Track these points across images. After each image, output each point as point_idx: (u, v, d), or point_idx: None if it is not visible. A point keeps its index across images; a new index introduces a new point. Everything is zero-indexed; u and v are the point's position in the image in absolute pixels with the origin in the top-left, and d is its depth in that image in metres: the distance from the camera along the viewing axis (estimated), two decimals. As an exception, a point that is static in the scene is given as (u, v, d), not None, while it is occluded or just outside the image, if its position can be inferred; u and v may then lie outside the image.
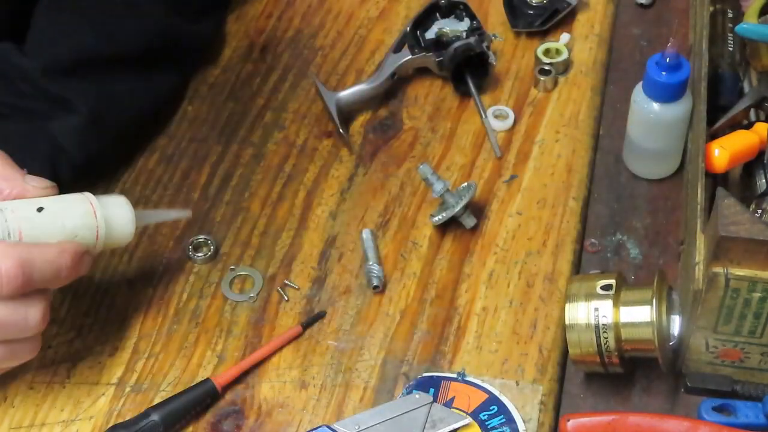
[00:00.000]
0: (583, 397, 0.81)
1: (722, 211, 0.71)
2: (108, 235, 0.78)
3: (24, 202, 0.74)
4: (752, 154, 0.86)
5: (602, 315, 0.77)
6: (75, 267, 0.75)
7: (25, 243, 0.72)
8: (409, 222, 0.92)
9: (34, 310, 0.73)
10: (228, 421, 0.80)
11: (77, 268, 0.75)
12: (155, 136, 1.00)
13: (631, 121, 0.92)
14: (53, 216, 0.74)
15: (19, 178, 0.75)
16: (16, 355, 0.75)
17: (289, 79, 1.05)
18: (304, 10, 1.12)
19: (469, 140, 0.98)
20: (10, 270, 0.70)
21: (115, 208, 0.79)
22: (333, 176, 0.96)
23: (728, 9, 0.99)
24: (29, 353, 0.76)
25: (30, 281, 0.71)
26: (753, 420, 0.77)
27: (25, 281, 0.71)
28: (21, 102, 0.90)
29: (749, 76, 0.95)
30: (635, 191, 0.94)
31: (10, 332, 0.73)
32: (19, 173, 0.75)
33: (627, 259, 0.89)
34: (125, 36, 0.94)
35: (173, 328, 0.86)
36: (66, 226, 0.75)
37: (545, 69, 1.02)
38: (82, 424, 0.80)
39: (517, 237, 0.90)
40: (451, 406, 0.79)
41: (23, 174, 0.76)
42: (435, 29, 1.02)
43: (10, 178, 0.75)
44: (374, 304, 0.87)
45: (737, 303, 0.74)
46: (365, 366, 0.83)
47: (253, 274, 0.89)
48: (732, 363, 0.79)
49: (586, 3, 1.09)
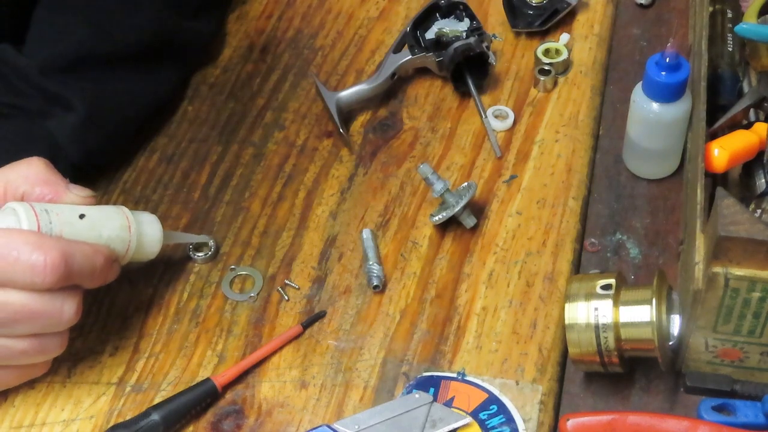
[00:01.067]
0: (583, 397, 0.81)
1: (722, 211, 0.71)
2: (136, 250, 0.81)
3: (67, 207, 0.77)
4: (752, 154, 0.86)
5: (602, 315, 0.77)
6: (106, 269, 0.77)
7: (66, 239, 0.75)
8: (409, 222, 0.92)
9: (69, 303, 0.75)
10: (228, 420, 0.80)
11: (108, 272, 0.78)
12: (155, 136, 1.00)
13: (630, 121, 0.92)
14: (93, 224, 0.77)
15: (61, 185, 0.78)
16: (46, 348, 0.76)
17: (289, 79, 1.05)
18: (304, 10, 1.12)
19: (469, 140, 0.98)
20: (55, 259, 0.72)
21: (146, 226, 0.82)
22: (333, 176, 0.96)
23: (728, 9, 0.99)
24: (58, 348, 0.77)
25: (70, 274, 0.73)
26: (752, 420, 0.77)
27: (66, 272, 0.73)
28: (18, 101, 0.90)
29: (749, 76, 0.95)
30: (635, 191, 0.94)
31: (45, 324, 0.75)
32: (62, 180, 0.78)
33: (627, 259, 0.89)
34: (122, 33, 0.94)
35: (174, 328, 0.86)
36: (102, 235, 0.78)
37: (545, 69, 1.02)
38: (82, 423, 0.80)
39: (517, 237, 0.91)
40: (451, 406, 0.79)
41: (66, 181, 0.78)
42: (435, 29, 1.02)
43: (53, 183, 0.78)
44: (374, 304, 0.87)
45: (737, 303, 0.74)
46: (365, 366, 0.83)
47: (253, 273, 0.89)
48: (731, 363, 0.79)
49: (586, 3, 1.09)
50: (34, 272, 0.72)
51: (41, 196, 0.77)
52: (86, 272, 0.75)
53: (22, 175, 0.77)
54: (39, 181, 0.77)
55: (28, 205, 0.75)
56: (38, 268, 0.72)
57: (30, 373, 0.79)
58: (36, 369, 0.79)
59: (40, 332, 0.75)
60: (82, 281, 0.76)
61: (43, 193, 0.77)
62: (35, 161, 0.78)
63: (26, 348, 0.75)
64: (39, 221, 0.74)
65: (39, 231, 0.74)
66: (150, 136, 1.00)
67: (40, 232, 0.74)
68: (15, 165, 0.78)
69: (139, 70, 0.96)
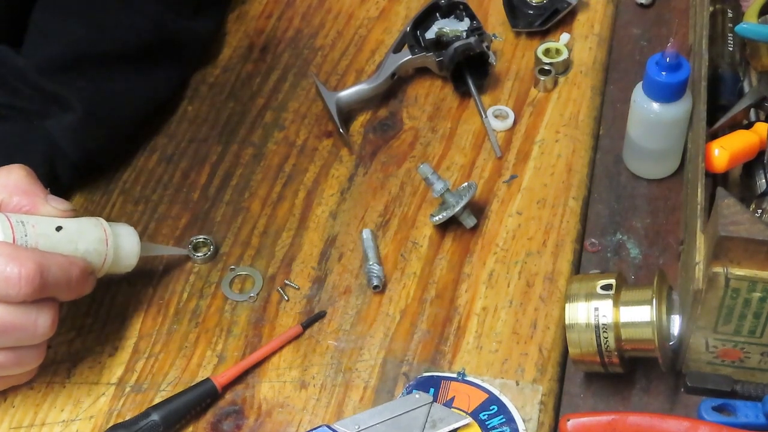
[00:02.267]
0: (583, 397, 0.81)
1: (722, 211, 0.71)
2: (113, 263, 0.80)
3: (44, 219, 0.76)
4: (752, 154, 0.86)
5: (602, 315, 0.77)
6: (82, 282, 0.77)
7: (41, 250, 0.74)
8: (409, 222, 0.92)
9: (44, 316, 0.74)
10: (228, 420, 0.80)
11: (83, 284, 0.77)
12: (155, 136, 1.00)
13: (631, 121, 0.92)
14: (70, 237, 0.77)
15: (40, 196, 0.77)
16: (22, 361, 0.76)
17: (289, 79, 1.05)
18: (304, 10, 1.12)
19: (469, 140, 0.98)
20: (30, 271, 0.71)
21: (124, 239, 0.82)
22: (333, 176, 0.96)
23: (728, 9, 0.99)
24: (35, 361, 0.77)
25: (45, 286, 0.73)
26: (753, 420, 0.77)
27: (41, 284, 0.72)
28: (17, 101, 0.90)
29: (749, 76, 0.95)
30: (635, 191, 0.94)
31: (19, 337, 0.74)
32: (41, 191, 0.77)
33: (627, 259, 0.89)
34: (121, 33, 0.94)
35: (173, 328, 0.86)
36: (79, 248, 0.77)
37: (545, 69, 1.02)
38: (82, 423, 0.80)
39: (517, 237, 0.90)
40: (451, 406, 0.79)
41: (46, 192, 0.78)
42: (435, 29, 1.02)
43: (32, 194, 0.77)
44: (374, 304, 0.87)
45: (737, 303, 0.74)
46: (365, 366, 0.83)
47: (253, 274, 0.89)
48: (732, 363, 0.79)
49: (586, 3, 1.09)
50: (8, 284, 0.71)
51: (18, 206, 0.76)
52: (62, 284, 0.74)
53: (1, 184, 0.76)
54: (17, 190, 0.76)
55: (3, 216, 0.74)
56: (13, 280, 0.71)
57: (11, 382, 0.79)
58: (17, 378, 0.78)
59: (15, 345, 0.74)
60: (58, 293, 0.75)
61: (20, 204, 0.76)
62: (16, 169, 0.77)
63: (2, 361, 0.74)
64: (14, 233, 0.73)
65: (14, 243, 0.73)
66: (149, 135, 1.00)
67: (15, 244, 0.73)
68: None
69: (137, 69, 0.96)
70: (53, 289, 0.74)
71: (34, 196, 0.76)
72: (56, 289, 0.74)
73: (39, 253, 0.73)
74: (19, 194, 0.76)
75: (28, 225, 0.75)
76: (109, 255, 0.80)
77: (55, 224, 0.76)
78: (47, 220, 0.76)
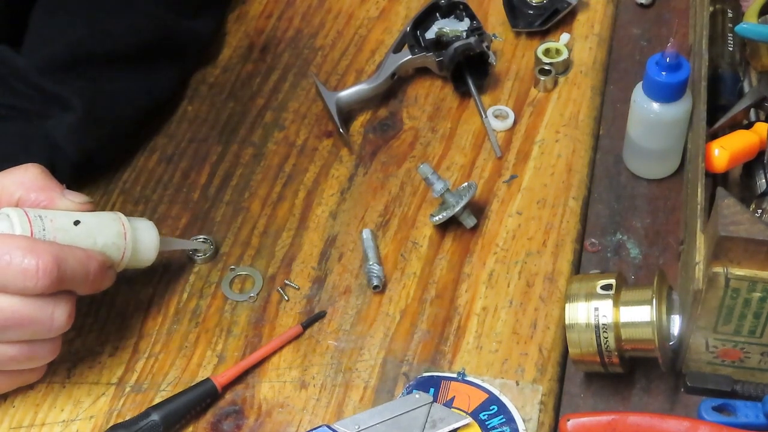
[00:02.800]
0: (583, 397, 0.81)
1: (722, 211, 0.71)
2: (132, 257, 0.80)
3: (62, 213, 0.77)
4: (752, 154, 0.86)
5: (602, 315, 0.77)
6: (100, 275, 0.77)
7: (59, 243, 0.75)
8: (409, 222, 0.92)
9: (61, 309, 0.74)
10: (228, 421, 0.80)
11: (102, 278, 0.77)
12: (155, 136, 1.00)
13: (631, 121, 0.92)
14: (88, 231, 0.77)
15: (57, 191, 0.77)
16: (37, 355, 0.76)
17: (289, 79, 1.05)
18: (304, 10, 1.12)
19: (469, 140, 0.98)
20: (48, 263, 0.72)
21: (143, 232, 0.81)
22: (333, 176, 0.96)
23: (728, 9, 0.99)
24: (49, 355, 0.77)
25: (63, 278, 0.73)
26: (753, 420, 0.77)
27: (59, 277, 0.73)
28: (16, 101, 0.90)
29: (749, 76, 0.95)
30: (635, 191, 0.94)
31: (35, 330, 0.74)
32: (58, 186, 0.78)
33: (627, 259, 0.89)
34: (121, 33, 0.94)
35: (173, 328, 0.86)
36: (97, 242, 0.77)
37: (545, 69, 1.02)
38: (82, 424, 0.80)
39: (517, 237, 0.90)
40: (451, 406, 0.79)
41: (62, 188, 0.78)
42: (435, 29, 1.02)
43: (48, 189, 0.77)
44: (374, 304, 0.87)
45: (737, 303, 0.74)
46: (365, 366, 0.83)
47: (253, 274, 0.89)
48: (732, 363, 0.79)
49: (586, 3, 1.09)
50: (26, 276, 0.71)
51: (36, 202, 0.77)
52: (79, 277, 0.75)
53: (18, 181, 0.77)
54: (34, 187, 0.77)
55: (21, 210, 0.75)
56: (30, 272, 0.71)
57: (23, 379, 0.79)
58: (29, 375, 0.79)
59: (30, 338, 0.75)
60: (75, 287, 0.75)
61: (38, 199, 0.77)
62: (31, 167, 0.78)
63: (16, 354, 0.75)
64: (32, 227, 0.74)
65: (32, 237, 0.74)
66: (149, 135, 1.00)
67: (33, 238, 0.74)
68: (11, 171, 0.78)
69: (137, 69, 0.96)
70: (71, 282, 0.74)
71: (51, 191, 0.77)
72: (74, 283, 0.74)
73: (57, 246, 0.73)
74: (36, 190, 0.77)
75: (46, 219, 0.75)
76: (128, 249, 0.80)
77: (74, 218, 0.77)
78: (65, 214, 0.77)
